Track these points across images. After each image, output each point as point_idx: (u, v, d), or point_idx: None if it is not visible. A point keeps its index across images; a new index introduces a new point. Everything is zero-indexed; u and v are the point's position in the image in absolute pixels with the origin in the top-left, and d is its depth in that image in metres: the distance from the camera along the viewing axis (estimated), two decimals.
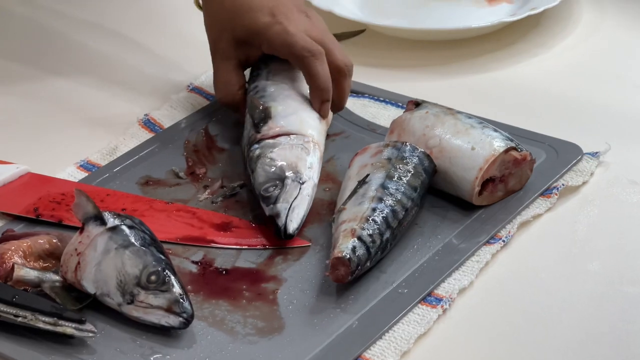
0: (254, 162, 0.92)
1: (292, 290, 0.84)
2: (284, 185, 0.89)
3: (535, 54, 1.16)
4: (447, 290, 0.84)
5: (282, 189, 0.89)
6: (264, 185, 0.90)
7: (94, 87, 1.11)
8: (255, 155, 0.93)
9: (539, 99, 1.09)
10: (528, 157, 0.93)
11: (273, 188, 0.89)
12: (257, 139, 0.94)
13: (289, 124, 0.94)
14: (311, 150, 0.93)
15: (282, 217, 0.88)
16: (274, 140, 0.93)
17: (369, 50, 1.18)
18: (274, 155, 0.92)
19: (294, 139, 0.93)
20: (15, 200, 0.93)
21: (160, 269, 0.81)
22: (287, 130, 0.94)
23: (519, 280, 0.86)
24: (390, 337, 0.80)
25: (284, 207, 0.88)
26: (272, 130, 0.94)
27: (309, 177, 0.90)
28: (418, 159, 0.91)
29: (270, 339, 0.80)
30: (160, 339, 0.80)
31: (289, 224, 0.88)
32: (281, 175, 0.90)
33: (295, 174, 0.90)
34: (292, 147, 0.92)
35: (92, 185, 0.95)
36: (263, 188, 0.90)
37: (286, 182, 0.90)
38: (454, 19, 1.20)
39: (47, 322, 0.79)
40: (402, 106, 1.06)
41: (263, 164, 0.91)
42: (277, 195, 0.89)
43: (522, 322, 0.82)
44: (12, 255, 0.85)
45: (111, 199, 0.93)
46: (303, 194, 0.89)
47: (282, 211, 0.88)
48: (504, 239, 0.89)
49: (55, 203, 0.92)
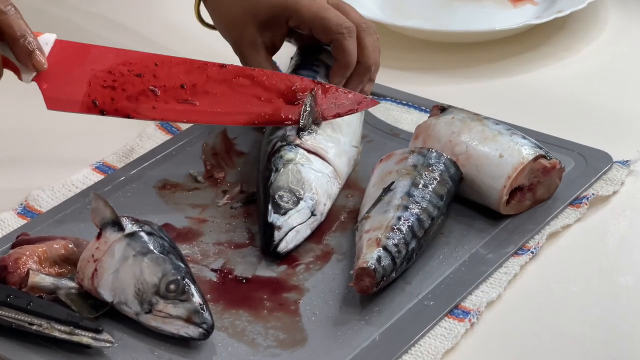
0: (281, 161, 0.90)
1: (314, 301, 0.82)
2: (297, 205, 0.87)
3: (560, 58, 1.14)
4: (474, 303, 0.82)
5: (295, 207, 0.87)
6: (280, 191, 0.88)
7: None
8: (287, 157, 0.90)
9: (565, 104, 1.07)
10: (557, 166, 0.90)
11: (287, 200, 0.87)
12: (294, 142, 0.91)
13: (328, 149, 0.92)
14: (334, 187, 0.91)
15: (282, 232, 0.86)
16: (309, 155, 0.91)
17: (390, 52, 1.16)
18: (306, 172, 0.89)
19: (327, 168, 0.91)
20: (66, 91, 0.89)
21: (179, 277, 0.79)
22: (323, 154, 0.91)
23: (549, 294, 0.83)
24: (416, 351, 0.78)
25: (288, 224, 0.86)
26: (311, 144, 0.91)
27: (320, 213, 0.88)
28: (444, 166, 0.89)
29: (292, 351, 0.78)
30: (179, 350, 0.78)
31: (283, 244, 0.86)
32: (301, 195, 0.88)
33: (312, 203, 0.88)
34: (323, 175, 0.90)
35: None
36: (279, 194, 0.87)
37: (301, 204, 0.87)
38: (477, 21, 1.18)
39: (63, 331, 0.77)
40: (425, 110, 1.04)
41: (292, 171, 0.89)
42: (288, 209, 0.87)
43: (552, 338, 0.79)
44: (27, 260, 0.83)
45: (162, 70, 0.90)
46: (307, 224, 0.87)
47: (284, 226, 0.86)
48: (532, 250, 0.86)
49: (110, 88, 0.89)
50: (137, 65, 0.90)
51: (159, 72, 0.90)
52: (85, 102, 0.89)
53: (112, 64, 0.90)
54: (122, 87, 0.89)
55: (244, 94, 0.90)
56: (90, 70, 0.89)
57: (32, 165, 0.97)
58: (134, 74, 0.90)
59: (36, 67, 0.87)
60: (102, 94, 0.89)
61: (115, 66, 0.90)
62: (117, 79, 0.90)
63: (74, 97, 0.89)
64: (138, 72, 0.90)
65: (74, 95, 0.89)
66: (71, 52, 0.89)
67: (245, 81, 0.90)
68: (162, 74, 0.90)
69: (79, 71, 0.89)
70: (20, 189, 0.94)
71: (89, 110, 0.90)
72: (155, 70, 0.90)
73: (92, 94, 0.89)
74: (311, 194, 0.88)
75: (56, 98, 0.89)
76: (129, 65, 0.90)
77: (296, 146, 0.91)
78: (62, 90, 0.89)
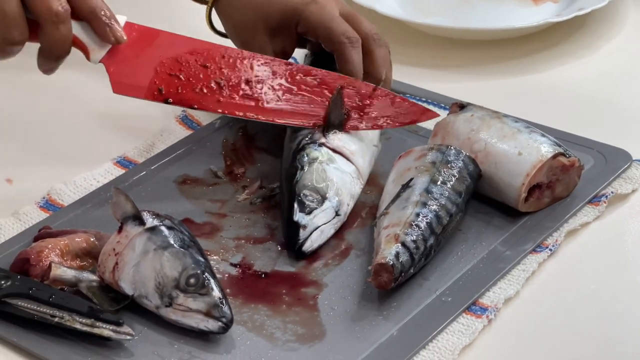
0: (307, 160, 0.90)
1: (332, 296, 0.83)
2: (322, 205, 0.87)
3: (580, 56, 1.14)
4: (492, 299, 0.82)
5: (320, 207, 0.87)
6: (306, 190, 0.88)
7: None
8: (313, 156, 0.90)
9: (584, 103, 1.07)
10: (576, 163, 0.90)
11: (312, 199, 0.87)
12: (319, 140, 0.91)
13: (352, 148, 0.92)
14: (357, 186, 0.90)
15: (307, 231, 0.86)
16: (334, 154, 0.91)
17: (410, 49, 1.16)
18: (331, 171, 0.89)
19: (350, 167, 0.91)
20: (133, 75, 0.89)
21: (199, 271, 0.80)
22: (347, 154, 0.91)
23: (567, 292, 0.84)
24: (433, 347, 0.79)
25: (314, 223, 0.86)
26: (336, 144, 0.91)
27: (344, 213, 0.88)
28: (463, 163, 0.89)
29: (310, 346, 0.79)
30: (198, 343, 0.79)
31: (308, 243, 0.86)
32: (326, 194, 0.88)
33: (337, 202, 0.88)
34: (346, 174, 0.90)
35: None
36: (304, 192, 0.88)
37: (326, 203, 0.87)
38: (497, 18, 1.18)
39: (84, 324, 0.78)
40: (445, 107, 1.04)
41: (317, 170, 0.89)
42: (313, 208, 0.87)
43: (570, 336, 0.80)
44: (49, 253, 0.83)
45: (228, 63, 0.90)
46: (331, 224, 0.87)
47: (309, 225, 0.86)
48: (550, 248, 0.87)
49: (176, 77, 0.89)
50: (204, 55, 0.89)
51: (226, 65, 0.90)
52: (151, 88, 0.89)
53: (180, 52, 0.89)
54: (189, 77, 0.89)
55: (309, 94, 0.90)
56: (157, 57, 0.89)
57: (54, 160, 0.98)
58: (200, 64, 0.89)
59: (117, 39, 0.86)
60: (168, 82, 0.89)
61: (182, 54, 0.89)
62: (184, 68, 0.89)
63: (140, 83, 0.89)
64: (205, 62, 0.90)
65: (141, 81, 0.89)
66: (140, 36, 0.89)
67: (312, 81, 0.90)
68: (229, 67, 0.90)
69: (146, 56, 0.89)
70: (43, 182, 0.95)
71: (154, 97, 0.90)
72: (222, 62, 0.90)
73: (159, 81, 0.89)
74: (336, 194, 0.88)
75: (122, 82, 0.89)
76: (196, 55, 0.90)
77: (321, 145, 0.91)
78: (129, 75, 0.89)
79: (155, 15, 1.16)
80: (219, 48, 0.91)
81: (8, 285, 0.80)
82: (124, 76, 0.89)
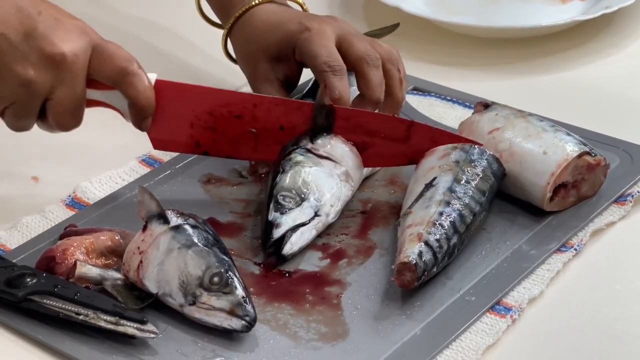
0: (289, 164, 0.89)
1: (356, 295, 0.83)
2: (300, 205, 0.87)
3: (607, 54, 1.13)
4: (516, 299, 0.82)
5: (297, 207, 0.87)
6: (283, 192, 0.87)
7: None
8: (296, 160, 0.89)
9: (611, 101, 1.06)
10: (602, 162, 0.90)
11: (290, 200, 0.87)
12: (307, 147, 0.90)
13: (342, 153, 0.91)
14: (345, 188, 0.89)
15: (281, 230, 0.85)
16: (320, 160, 0.90)
17: (436, 48, 1.16)
18: (312, 173, 0.89)
19: (337, 169, 0.90)
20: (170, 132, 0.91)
21: (223, 270, 0.80)
22: (337, 158, 0.90)
23: (592, 292, 0.83)
24: (457, 346, 0.78)
25: (288, 223, 0.86)
26: (325, 150, 0.90)
27: (325, 213, 0.88)
28: (487, 162, 0.89)
29: (334, 345, 0.79)
30: (222, 341, 0.79)
31: (287, 245, 0.85)
32: (305, 194, 0.87)
33: (317, 204, 0.87)
34: (332, 176, 0.89)
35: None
36: (281, 194, 0.87)
37: (304, 204, 0.87)
38: (523, 17, 1.17)
39: (109, 321, 0.79)
40: (470, 106, 1.04)
41: (297, 172, 0.88)
42: (290, 209, 0.86)
43: (595, 336, 0.79)
44: (75, 251, 0.84)
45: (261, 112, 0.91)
46: (311, 225, 0.86)
47: (283, 224, 0.86)
48: (575, 247, 0.86)
49: (211, 130, 0.91)
50: (236, 106, 0.90)
51: (258, 113, 0.91)
52: (188, 143, 0.92)
53: (212, 104, 0.91)
54: (223, 129, 0.91)
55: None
56: (191, 111, 0.91)
57: (80, 158, 0.98)
58: (233, 116, 0.91)
59: (144, 130, 0.90)
60: (204, 136, 0.91)
61: (215, 107, 0.91)
62: (218, 120, 0.91)
63: (177, 138, 0.92)
64: (237, 113, 0.91)
65: (178, 137, 0.92)
66: (171, 92, 0.90)
67: (341, 122, 0.90)
68: (261, 115, 0.91)
69: (180, 112, 0.90)
70: (69, 181, 0.96)
71: (193, 151, 0.93)
72: (254, 111, 0.91)
73: (195, 135, 0.91)
74: (316, 195, 0.87)
75: (161, 139, 0.92)
76: (228, 107, 0.91)
77: (307, 151, 0.90)
78: (166, 132, 0.91)
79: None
80: (251, 97, 0.92)
81: (34, 282, 0.81)
82: (161, 133, 0.91)
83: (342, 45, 0.94)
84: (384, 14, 1.18)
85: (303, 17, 0.97)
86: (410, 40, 1.15)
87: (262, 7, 0.99)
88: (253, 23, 0.99)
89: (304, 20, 0.96)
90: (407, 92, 1.06)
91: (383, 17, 1.17)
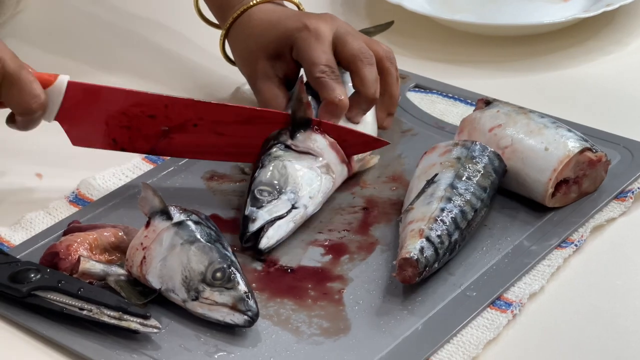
0: (269, 159, 0.90)
1: (358, 291, 0.83)
2: (277, 199, 0.87)
3: (609, 52, 1.13)
4: (517, 294, 0.82)
5: (274, 201, 0.87)
6: (260, 186, 0.88)
7: (157, 81, 1.11)
8: (275, 154, 0.90)
9: (612, 99, 1.07)
10: (603, 159, 0.90)
11: (267, 194, 0.87)
12: (286, 142, 0.91)
13: (323, 148, 0.91)
14: (326, 181, 0.90)
15: (257, 224, 0.86)
16: (300, 154, 0.90)
17: (437, 45, 1.16)
18: (289, 167, 0.89)
19: (317, 162, 0.90)
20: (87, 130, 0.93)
21: (225, 266, 0.80)
22: (318, 152, 0.91)
23: (593, 287, 0.83)
24: (458, 341, 0.79)
25: (264, 217, 0.86)
26: (304, 146, 0.91)
27: (304, 205, 0.88)
28: (488, 159, 0.89)
29: (335, 340, 0.79)
30: (224, 336, 0.79)
31: (264, 240, 0.85)
32: (282, 188, 0.88)
33: (293, 195, 0.88)
34: (312, 168, 0.90)
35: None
36: (258, 188, 0.88)
37: (281, 197, 0.87)
38: (525, 14, 1.17)
39: (112, 317, 0.79)
40: (472, 103, 1.04)
41: (276, 166, 0.89)
42: (267, 202, 0.87)
43: (595, 331, 0.80)
44: (78, 247, 0.84)
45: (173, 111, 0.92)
46: (289, 218, 0.87)
47: (259, 218, 0.86)
48: (576, 243, 0.86)
49: (126, 129, 0.93)
50: (148, 106, 0.92)
51: (170, 113, 0.92)
52: (105, 140, 0.94)
53: (125, 105, 0.92)
54: (138, 127, 0.93)
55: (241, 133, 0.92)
56: (105, 111, 0.93)
57: (84, 154, 0.98)
58: (146, 116, 0.92)
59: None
60: (120, 134, 0.93)
61: (128, 108, 0.92)
62: (132, 120, 0.93)
63: (95, 136, 0.94)
64: (150, 113, 0.92)
65: (95, 134, 0.93)
66: (84, 93, 0.92)
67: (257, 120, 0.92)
68: (173, 115, 0.92)
69: (95, 112, 0.92)
70: (73, 177, 0.96)
71: (111, 147, 0.94)
72: (166, 111, 0.92)
73: (111, 133, 0.93)
74: (294, 188, 0.88)
75: (79, 136, 0.94)
76: (140, 107, 0.92)
77: (287, 147, 0.90)
78: (82, 130, 0.93)
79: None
80: (161, 98, 0.93)
81: (38, 278, 0.81)
82: (78, 131, 0.93)
83: (337, 44, 0.95)
84: (385, 11, 1.18)
85: (301, 15, 0.98)
86: (412, 38, 1.15)
87: (260, 7, 1.00)
88: (251, 22, 0.99)
89: (302, 18, 0.96)
90: (409, 90, 1.07)
91: (385, 14, 1.17)
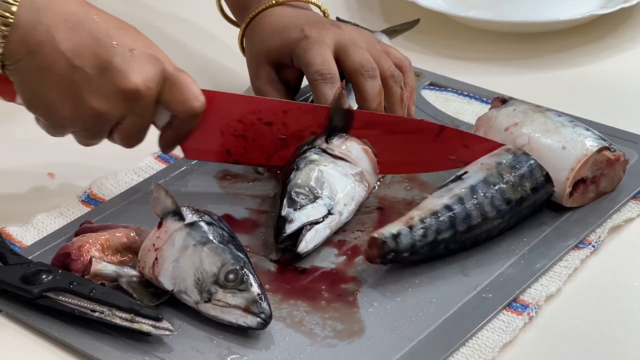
0: (304, 162, 0.89)
1: (372, 292, 0.82)
2: (314, 202, 0.86)
3: (626, 49, 1.12)
4: (533, 296, 0.81)
5: (311, 204, 0.86)
6: (297, 188, 0.87)
7: None
8: (311, 158, 0.89)
9: (629, 96, 1.06)
10: (621, 158, 0.89)
11: (304, 197, 0.86)
12: (322, 147, 0.90)
13: (357, 154, 0.90)
14: (359, 189, 0.89)
15: (294, 225, 0.85)
16: (335, 159, 0.89)
17: (452, 43, 1.15)
18: (327, 171, 0.88)
19: (352, 169, 0.89)
20: (201, 141, 0.90)
21: (238, 267, 0.79)
22: (352, 160, 0.90)
23: (610, 289, 0.82)
24: (473, 344, 0.78)
25: (302, 219, 0.85)
26: (340, 151, 0.90)
27: (339, 212, 0.87)
28: (530, 174, 0.85)
29: (350, 342, 0.78)
30: (237, 339, 0.79)
31: (303, 243, 0.84)
32: (318, 193, 0.87)
33: (330, 202, 0.87)
34: (346, 175, 0.89)
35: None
36: (295, 190, 0.87)
37: (318, 201, 0.87)
38: (541, 11, 1.17)
39: (124, 319, 0.78)
40: (487, 101, 1.03)
41: (311, 170, 0.88)
42: (303, 205, 0.86)
43: (612, 333, 0.78)
44: (90, 248, 0.84)
45: (291, 118, 0.90)
46: (325, 224, 0.86)
47: (296, 220, 0.85)
48: (593, 244, 0.85)
49: (241, 138, 0.91)
50: (265, 113, 0.90)
51: (288, 120, 0.90)
52: (219, 152, 0.92)
53: (242, 112, 0.90)
54: (253, 137, 0.91)
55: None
56: (220, 119, 0.90)
57: (96, 154, 0.98)
58: (263, 123, 0.90)
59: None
60: (235, 144, 0.91)
61: (244, 114, 0.90)
62: (248, 128, 0.90)
63: (208, 147, 0.92)
64: (267, 120, 0.90)
65: (209, 145, 0.91)
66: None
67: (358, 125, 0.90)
68: (291, 122, 0.90)
69: (211, 120, 0.89)
70: (85, 177, 0.96)
71: (224, 159, 0.93)
72: (284, 118, 0.90)
73: (225, 143, 0.91)
74: (330, 194, 0.87)
75: (192, 148, 0.92)
76: (257, 113, 0.90)
77: (323, 151, 0.89)
78: (197, 141, 0.90)
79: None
80: (280, 104, 0.91)
81: (49, 279, 0.81)
82: (193, 142, 0.91)
83: (339, 55, 0.94)
84: (401, 8, 1.18)
85: (306, 23, 0.96)
86: (426, 35, 1.15)
87: (276, 9, 0.99)
88: (262, 25, 0.99)
89: (305, 28, 0.95)
90: (423, 88, 1.06)
91: (400, 12, 1.16)
